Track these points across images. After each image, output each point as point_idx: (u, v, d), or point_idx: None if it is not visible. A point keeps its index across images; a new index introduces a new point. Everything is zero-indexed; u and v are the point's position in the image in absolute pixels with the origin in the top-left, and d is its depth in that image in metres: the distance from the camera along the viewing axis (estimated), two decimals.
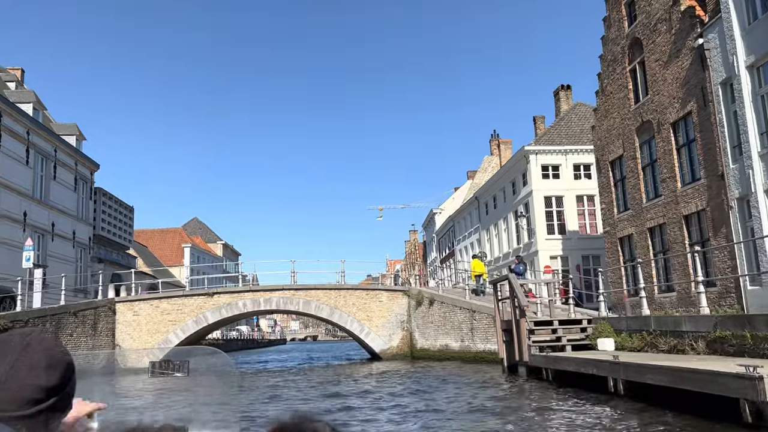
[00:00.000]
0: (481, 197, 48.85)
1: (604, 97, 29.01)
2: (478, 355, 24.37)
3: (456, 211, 56.42)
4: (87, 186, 49.10)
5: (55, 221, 42.61)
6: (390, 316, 30.16)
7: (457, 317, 25.98)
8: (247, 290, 30.33)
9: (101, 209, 51.25)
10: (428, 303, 28.36)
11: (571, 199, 38.27)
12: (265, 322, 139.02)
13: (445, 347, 26.94)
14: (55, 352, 1.30)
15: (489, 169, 56.71)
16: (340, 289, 30.39)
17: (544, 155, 38.56)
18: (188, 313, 29.25)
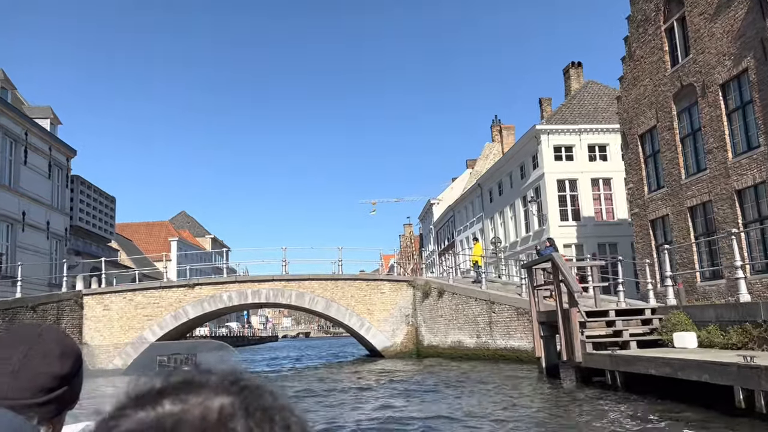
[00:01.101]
0: (485, 184, 45.39)
1: (632, 63, 25.58)
2: (498, 353, 20.90)
3: (456, 200, 52.95)
4: (63, 173, 45.23)
5: (26, 210, 38.77)
6: (393, 309, 26.66)
7: (471, 310, 22.50)
8: (232, 281, 26.73)
9: (79, 198, 47.36)
10: (437, 294, 24.87)
11: (586, 183, 34.89)
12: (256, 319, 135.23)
13: (458, 344, 23.45)
14: (67, 342, 1.34)
15: (490, 156, 53.33)
16: (337, 279, 26.87)
17: (557, 135, 35.14)
18: (166, 307, 25.62)
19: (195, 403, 0.50)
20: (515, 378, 15.86)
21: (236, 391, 0.53)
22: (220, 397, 0.51)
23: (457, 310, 23.57)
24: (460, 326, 23.31)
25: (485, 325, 21.70)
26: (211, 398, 0.51)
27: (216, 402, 0.51)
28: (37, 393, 1.24)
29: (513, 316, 20.13)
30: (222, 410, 0.49)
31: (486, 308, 21.66)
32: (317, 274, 26.88)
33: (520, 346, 19.81)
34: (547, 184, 34.67)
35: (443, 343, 24.52)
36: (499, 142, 52.91)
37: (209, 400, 0.51)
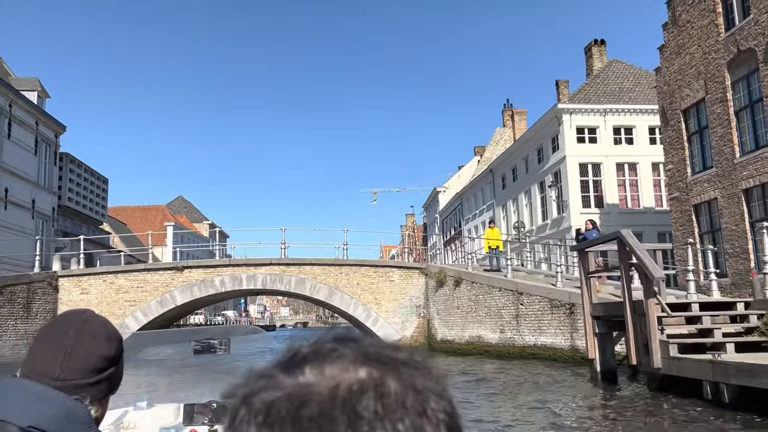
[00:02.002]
0: (497, 169, 42.49)
1: (675, 30, 22.64)
2: (526, 351, 18.08)
3: (465, 188, 50.05)
4: (51, 150, 42.27)
5: (9, 186, 35.90)
6: (403, 299, 23.83)
7: (495, 301, 19.67)
8: (225, 264, 23.89)
9: (68, 177, 44.40)
10: (453, 283, 22.03)
11: (611, 167, 32.02)
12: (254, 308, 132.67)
13: (477, 339, 20.62)
14: (110, 327, 1.38)
15: (501, 142, 50.42)
16: (341, 265, 24.04)
17: (580, 115, 32.22)
18: (151, 292, 22.79)
19: (329, 375, 0.48)
20: (561, 383, 13.03)
21: (374, 366, 0.48)
22: (356, 370, 0.48)
23: (477, 302, 20.73)
24: (481, 319, 20.48)
25: (511, 318, 18.87)
26: (346, 371, 0.48)
27: (350, 376, 0.48)
28: (88, 373, 1.28)
29: (545, 308, 17.31)
30: (351, 386, 0.46)
31: (512, 299, 18.83)
32: (320, 259, 24.05)
33: (553, 344, 16.99)
34: (568, 168, 31.79)
35: (460, 337, 21.69)
36: (510, 128, 49.97)
37: (344, 373, 0.48)
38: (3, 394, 1.22)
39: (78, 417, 1.22)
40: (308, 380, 0.47)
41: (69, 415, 1.21)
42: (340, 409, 0.45)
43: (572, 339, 16.30)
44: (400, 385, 0.47)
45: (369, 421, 0.44)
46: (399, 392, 0.46)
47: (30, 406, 1.19)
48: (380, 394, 0.46)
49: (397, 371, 0.48)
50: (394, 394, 0.46)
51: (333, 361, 0.49)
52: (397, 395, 0.46)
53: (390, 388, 0.47)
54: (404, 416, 0.45)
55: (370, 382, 0.47)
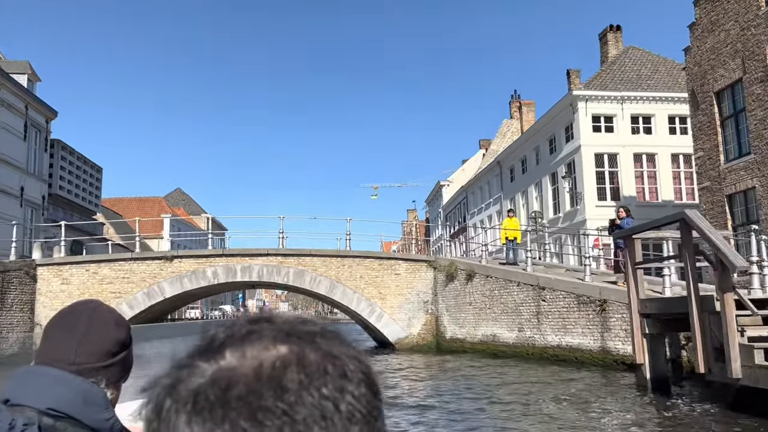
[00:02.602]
0: (505, 161, 40.60)
1: (708, 5, 20.74)
2: (548, 352, 16.23)
3: (470, 181, 48.16)
4: (41, 136, 40.34)
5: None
6: (409, 294, 21.97)
7: (512, 297, 17.80)
8: (218, 254, 22.00)
9: (60, 165, 42.47)
10: (465, 278, 20.16)
11: (628, 158, 30.15)
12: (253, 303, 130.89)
13: (492, 338, 18.74)
14: (117, 314, 1.42)
15: (508, 134, 48.55)
16: (344, 256, 22.11)
17: (596, 103, 30.34)
18: (138, 283, 20.92)
19: (250, 356, 0.49)
20: (601, 393, 11.15)
21: (293, 341, 0.51)
22: (276, 348, 0.50)
23: (491, 297, 18.85)
24: (496, 317, 18.61)
25: (531, 316, 17.00)
26: (266, 350, 0.49)
27: (271, 354, 0.49)
28: (102, 357, 1.30)
29: (571, 305, 15.44)
30: (275, 363, 0.48)
31: (533, 295, 16.95)
32: (320, 250, 22.16)
33: (580, 345, 15.12)
34: (583, 159, 29.91)
35: (472, 336, 19.82)
36: (518, 119, 48.05)
37: (265, 352, 0.49)
38: (21, 380, 1.24)
39: (95, 399, 1.24)
40: (230, 363, 0.48)
41: (86, 397, 1.23)
42: (266, 386, 0.46)
43: (603, 340, 14.45)
44: (319, 355, 0.49)
45: (295, 392, 0.46)
46: (319, 361, 0.49)
47: (47, 390, 1.21)
48: (302, 365, 0.48)
49: (314, 343, 0.51)
50: (315, 363, 0.48)
51: (252, 342, 0.50)
52: (318, 363, 0.48)
53: (311, 359, 0.49)
54: (327, 381, 0.48)
55: (291, 356, 0.49)
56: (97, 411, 1.23)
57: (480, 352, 19.12)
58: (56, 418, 1.19)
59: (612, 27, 34.98)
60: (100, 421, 1.23)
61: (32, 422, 1.16)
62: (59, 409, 1.19)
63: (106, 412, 1.24)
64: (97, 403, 1.24)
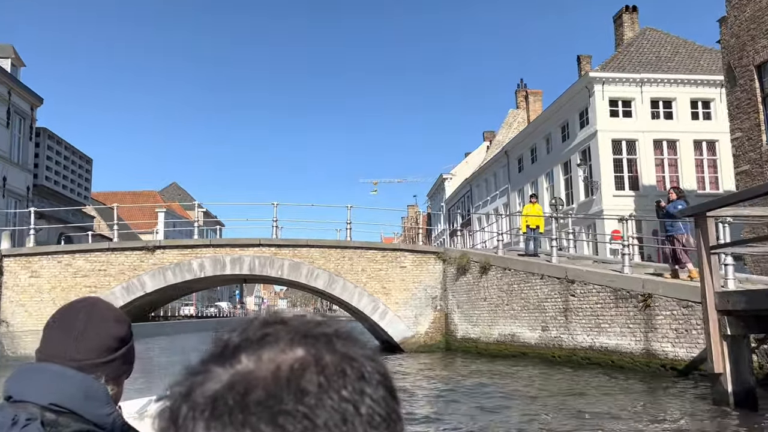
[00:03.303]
0: (513, 151, 38.43)
1: None
2: (578, 354, 14.06)
3: (475, 172, 45.98)
4: (25, 123, 38.06)
5: None
6: (416, 289, 19.79)
7: (535, 292, 15.62)
8: (205, 245, 19.78)
9: (46, 155, 40.19)
10: (478, 270, 17.98)
11: (647, 145, 28.01)
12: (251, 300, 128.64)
13: (510, 338, 16.56)
14: (117, 310, 1.41)
15: (514, 124, 46.42)
16: (344, 247, 19.90)
17: (613, 86, 28.18)
18: (116, 276, 18.74)
19: (267, 359, 0.48)
20: (666, 407, 8.98)
21: (309, 343, 0.50)
22: (293, 351, 0.49)
23: (510, 292, 16.67)
24: (515, 314, 16.42)
25: (557, 313, 14.82)
26: (283, 352, 0.48)
27: (288, 357, 0.48)
28: (102, 353, 1.29)
29: (607, 300, 13.27)
30: (293, 366, 0.47)
31: (560, 289, 14.77)
32: (318, 240, 19.98)
33: (619, 346, 12.95)
34: (600, 145, 27.75)
35: (487, 335, 17.63)
36: (524, 109, 45.90)
37: (282, 355, 0.48)
38: (22, 377, 1.24)
39: (96, 394, 1.23)
40: (247, 368, 0.47)
41: (87, 393, 1.22)
42: (286, 389, 0.45)
43: (647, 340, 12.28)
44: (337, 356, 0.49)
45: (315, 394, 0.45)
46: (337, 363, 0.48)
47: (49, 386, 1.20)
48: (321, 368, 0.47)
49: (330, 344, 0.50)
50: (333, 365, 0.48)
51: (268, 345, 0.49)
52: (336, 365, 0.48)
53: (328, 361, 0.48)
54: (347, 383, 0.47)
55: (308, 358, 0.48)
56: (99, 406, 1.22)
57: (496, 353, 16.95)
58: (58, 414, 1.18)
59: (628, 8, 32.81)
60: (102, 416, 1.22)
61: (35, 417, 1.15)
62: (61, 405, 1.19)
63: (107, 407, 1.24)
64: (99, 398, 1.23)
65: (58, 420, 1.17)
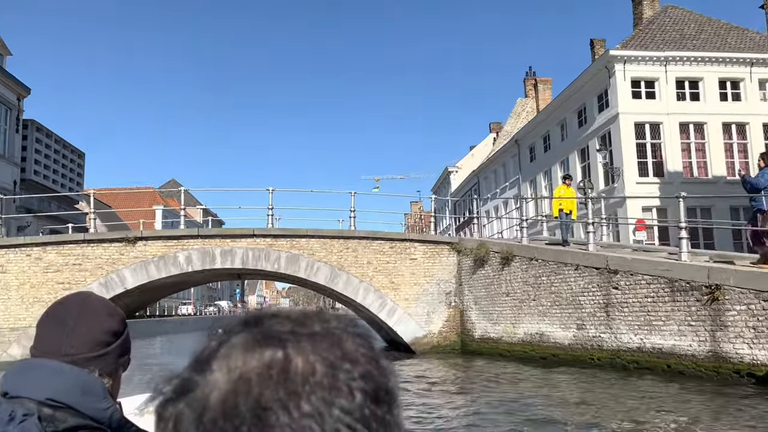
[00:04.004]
0: (524, 140, 36.25)
1: None
2: (623, 356, 11.88)
3: (483, 164, 43.79)
4: (11, 114, 35.96)
5: None
6: (428, 284, 17.64)
7: (568, 285, 13.45)
8: (192, 235, 17.49)
9: (34, 148, 38.08)
10: (499, 262, 15.81)
11: (673, 128, 25.82)
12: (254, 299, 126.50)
13: (538, 338, 14.37)
14: (110, 304, 1.37)
15: (523, 114, 44.24)
16: (348, 238, 17.72)
17: (636, 65, 25.99)
18: (92, 271, 16.62)
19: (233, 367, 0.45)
20: None
21: (276, 346, 0.46)
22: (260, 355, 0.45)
23: (537, 286, 14.48)
24: (544, 310, 14.24)
25: (597, 308, 12.64)
26: (250, 358, 0.45)
27: (253, 364, 0.45)
28: (94, 347, 1.26)
29: (661, 294, 11.09)
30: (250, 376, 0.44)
31: (599, 281, 12.59)
32: (319, 230, 17.82)
33: (675, 347, 10.76)
34: (621, 129, 25.56)
35: (510, 334, 15.45)
36: (533, 98, 43.70)
37: (249, 361, 0.45)
38: (19, 373, 1.22)
39: (93, 389, 1.21)
40: (215, 378, 0.44)
41: (84, 387, 1.20)
42: (243, 405, 0.42)
43: (715, 341, 10.09)
44: (305, 361, 0.44)
45: (274, 411, 0.41)
46: (304, 369, 0.43)
47: (45, 381, 1.18)
48: (284, 377, 0.43)
49: (299, 346, 0.45)
50: (300, 373, 0.43)
51: (236, 350, 0.45)
52: (304, 373, 0.43)
53: (295, 367, 0.43)
54: (310, 394, 0.42)
55: (272, 364, 0.44)
56: (96, 400, 1.20)
57: (522, 355, 14.78)
58: (55, 408, 1.17)
59: None
60: (99, 411, 1.20)
61: (32, 413, 1.14)
62: (58, 399, 1.17)
63: (104, 402, 1.22)
64: (96, 392, 1.21)
65: (55, 415, 1.15)
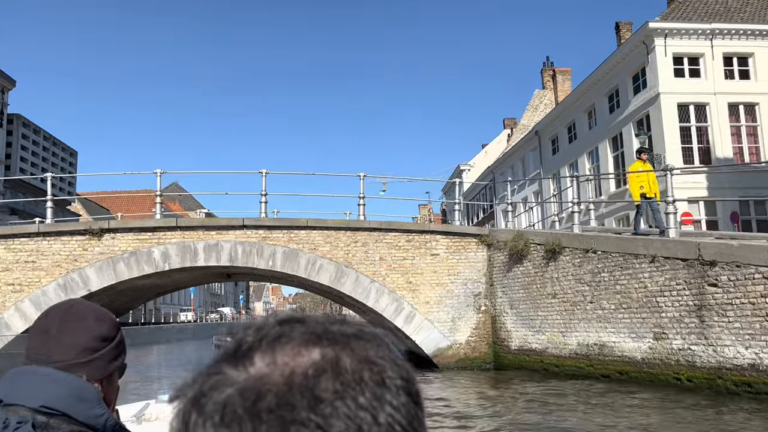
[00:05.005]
0: (545, 131, 33.16)
1: None
2: (725, 377, 8.76)
3: (499, 159, 40.72)
4: None
5: None
6: (452, 284, 14.56)
7: (641, 282, 10.36)
8: (170, 226, 14.32)
9: (20, 144, 35.34)
10: (543, 256, 12.73)
11: (721, 110, 22.72)
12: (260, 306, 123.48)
13: (598, 350, 11.26)
14: (100, 309, 1.33)
15: (540, 106, 41.17)
16: (357, 229, 14.60)
17: (679, 39, 22.90)
18: (48, 270, 13.65)
19: (281, 363, 0.45)
20: None
21: (326, 345, 0.46)
22: (309, 353, 0.46)
23: (596, 284, 11.39)
24: (605, 315, 11.13)
25: (685, 312, 9.55)
26: (299, 355, 0.45)
27: (304, 360, 0.45)
28: (81, 353, 1.24)
29: None
30: (308, 371, 0.44)
31: (687, 276, 9.50)
32: (322, 220, 14.76)
33: None
34: (663, 111, 22.46)
35: (558, 345, 12.32)
36: (551, 89, 40.63)
37: (297, 358, 0.45)
38: (12, 380, 1.20)
39: (87, 395, 1.19)
40: (260, 371, 0.45)
41: (78, 394, 1.18)
42: (299, 396, 0.43)
43: None
44: (355, 360, 0.46)
45: (330, 402, 0.43)
46: (355, 367, 0.45)
47: (39, 388, 1.17)
48: (337, 373, 0.44)
49: (349, 346, 0.46)
50: (351, 370, 0.45)
51: (282, 346, 0.46)
52: (354, 370, 0.45)
53: (346, 365, 0.45)
54: (364, 389, 0.44)
55: (325, 362, 0.45)
56: (90, 407, 1.18)
57: (575, 371, 11.66)
58: (49, 416, 1.15)
59: None
60: (93, 417, 1.18)
61: (26, 420, 1.12)
62: (52, 407, 1.15)
63: (98, 408, 1.20)
64: (89, 399, 1.19)
65: (50, 422, 1.14)
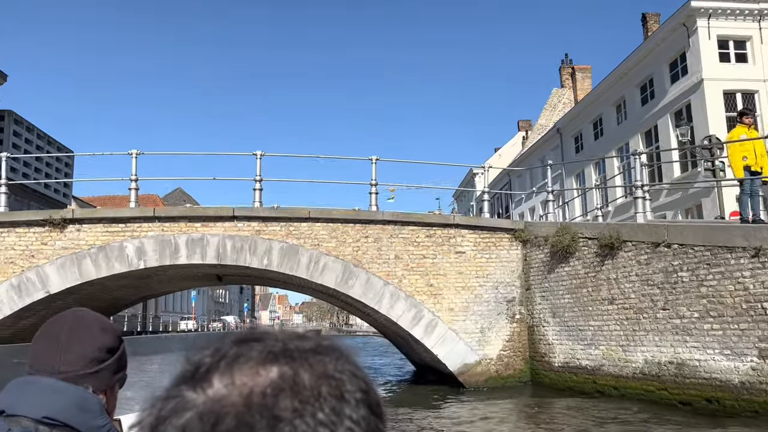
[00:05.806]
0: (567, 128, 30.75)
1: None
2: None
3: (516, 159, 38.36)
4: None
5: None
6: (481, 287, 12.17)
7: (741, 285, 7.96)
8: (146, 217, 12.04)
9: (11, 142, 33.15)
10: (596, 252, 10.34)
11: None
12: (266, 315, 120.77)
13: (675, 369, 8.84)
14: (104, 320, 1.34)
15: (559, 105, 38.80)
16: (368, 221, 12.18)
17: (724, 20, 20.53)
18: (0, 268, 11.34)
19: (240, 383, 0.45)
20: None
21: (284, 362, 0.46)
22: (266, 372, 0.45)
23: (670, 286, 8.98)
24: (684, 325, 8.71)
25: None
26: (257, 374, 0.45)
27: (261, 379, 0.45)
28: (88, 364, 1.25)
29: None
30: (265, 391, 0.44)
31: None
32: (327, 210, 12.40)
33: None
34: (707, 99, 20.06)
35: (616, 363, 9.89)
36: (570, 88, 38.28)
37: (256, 377, 0.45)
38: (15, 391, 1.20)
39: (90, 406, 1.20)
40: (219, 393, 0.44)
41: (81, 405, 1.19)
42: (258, 416, 0.42)
43: None
44: (314, 376, 0.46)
45: (290, 420, 0.42)
46: (314, 383, 0.45)
47: (42, 399, 1.17)
48: (295, 391, 0.44)
49: (307, 362, 0.46)
50: (309, 386, 0.45)
51: (240, 366, 0.46)
52: (313, 386, 0.45)
53: (304, 381, 0.45)
54: (323, 405, 0.44)
55: (283, 380, 0.45)
56: (92, 418, 1.19)
57: (640, 395, 9.20)
58: (52, 426, 1.15)
59: None
60: (95, 428, 1.19)
61: (28, 431, 1.13)
62: (55, 417, 1.15)
63: (101, 419, 1.21)
64: (92, 409, 1.20)
65: None
